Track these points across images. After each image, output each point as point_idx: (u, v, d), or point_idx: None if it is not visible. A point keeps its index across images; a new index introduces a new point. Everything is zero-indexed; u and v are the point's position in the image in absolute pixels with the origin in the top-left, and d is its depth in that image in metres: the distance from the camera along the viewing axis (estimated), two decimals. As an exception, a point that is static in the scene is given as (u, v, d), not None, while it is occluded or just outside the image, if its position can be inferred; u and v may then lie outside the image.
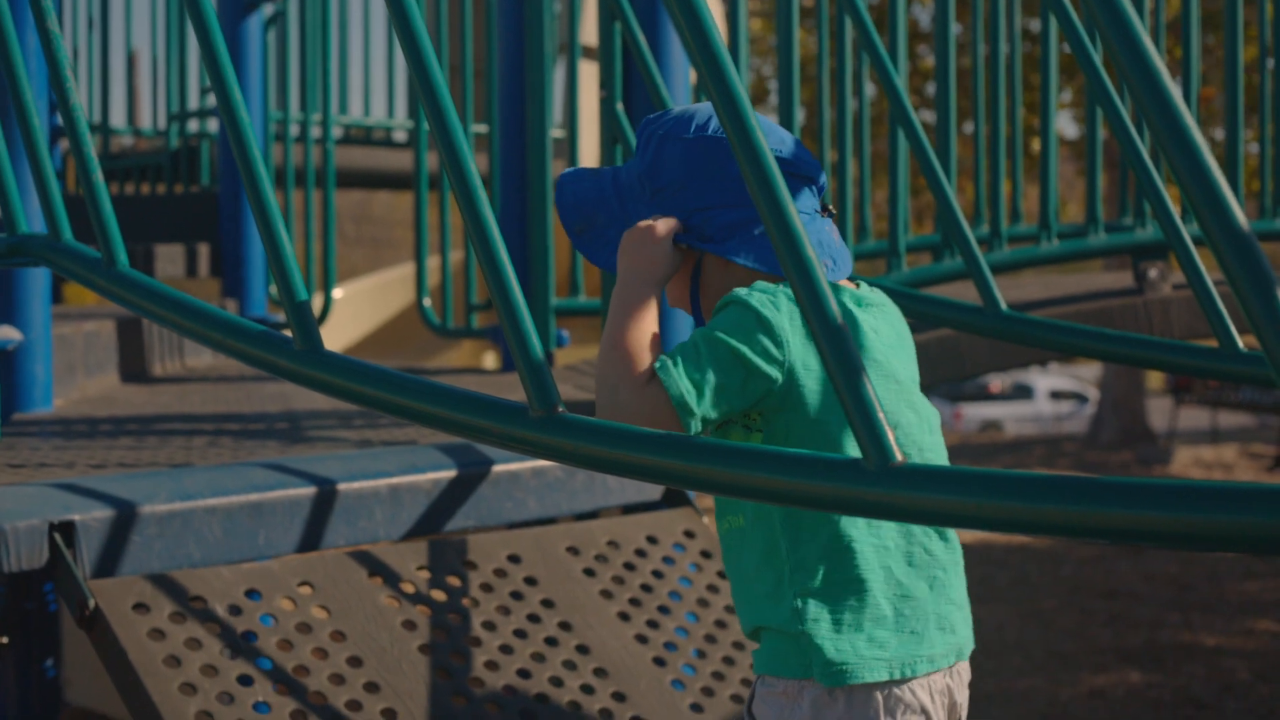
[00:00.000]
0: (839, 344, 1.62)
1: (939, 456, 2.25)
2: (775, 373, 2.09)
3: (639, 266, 2.23)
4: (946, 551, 2.22)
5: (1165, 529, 1.40)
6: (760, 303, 2.11)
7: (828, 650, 2.11)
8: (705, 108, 2.31)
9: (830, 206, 2.32)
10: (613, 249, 2.31)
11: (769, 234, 1.67)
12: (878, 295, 2.31)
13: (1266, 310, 1.37)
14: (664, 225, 2.24)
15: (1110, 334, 3.21)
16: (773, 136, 2.26)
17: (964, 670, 2.24)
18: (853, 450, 2.07)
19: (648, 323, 2.18)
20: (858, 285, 2.32)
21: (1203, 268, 3.08)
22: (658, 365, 2.09)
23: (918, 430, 2.21)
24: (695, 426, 2.07)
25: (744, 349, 2.08)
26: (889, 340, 2.26)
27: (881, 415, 1.60)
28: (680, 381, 2.06)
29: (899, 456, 1.58)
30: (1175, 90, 1.42)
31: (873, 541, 2.14)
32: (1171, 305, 5.32)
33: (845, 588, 2.13)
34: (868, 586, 2.14)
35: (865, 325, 2.24)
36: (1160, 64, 1.42)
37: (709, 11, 1.76)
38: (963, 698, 2.24)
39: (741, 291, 2.14)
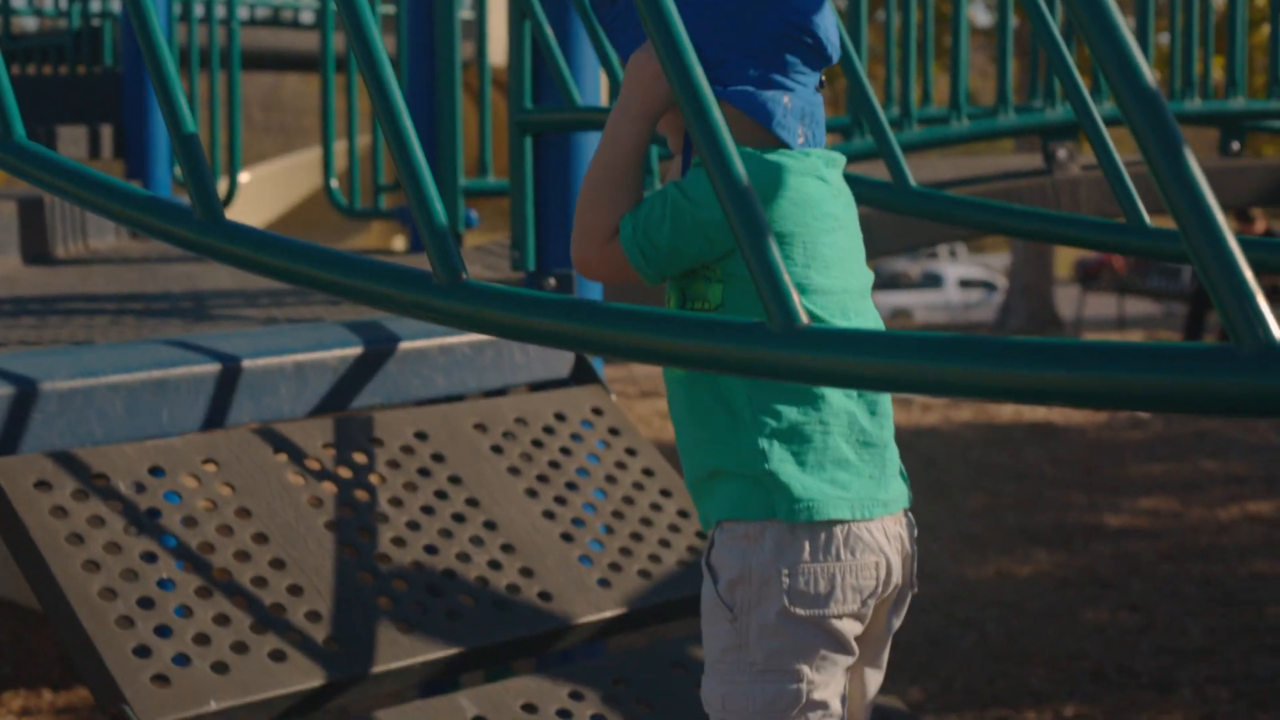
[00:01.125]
0: (744, 206, 1.60)
1: (873, 320, 2.29)
2: (722, 239, 2.13)
3: (638, 96, 2.22)
4: (888, 403, 2.30)
5: (1069, 387, 1.40)
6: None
7: (794, 488, 2.15)
8: None
9: (822, 78, 2.30)
10: (630, 34, 2.29)
11: (671, 85, 1.65)
12: (831, 155, 2.30)
13: (1173, 169, 1.36)
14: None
15: (1019, 209, 3.22)
16: (809, 5, 2.23)
17: (912, 520, 2.31)
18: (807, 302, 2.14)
19: (629, 163, 2.21)
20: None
21: (1112, 145, 3.09)
22: (620, 223, 2.17)
23: (855, 296, 2.24)
24: (654, 280, 2.19)
25: (706, 217, 2.12)
26: (846, 206, 2.28)
27: (786, 277, 1.59)
28: (639, 246, 2.15)
29: (804, 318, 1.57)
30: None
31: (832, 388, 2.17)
32: (1080, 185, 5.34)
33: (809, 429, 2.17)
34: (830, 429, 2.18)
35: (835, 186, 2.26)
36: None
37: None
38: (913, 548, 2.30)
39: None
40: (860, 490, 2.19)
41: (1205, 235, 1.36)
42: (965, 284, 37.52)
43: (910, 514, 2.31)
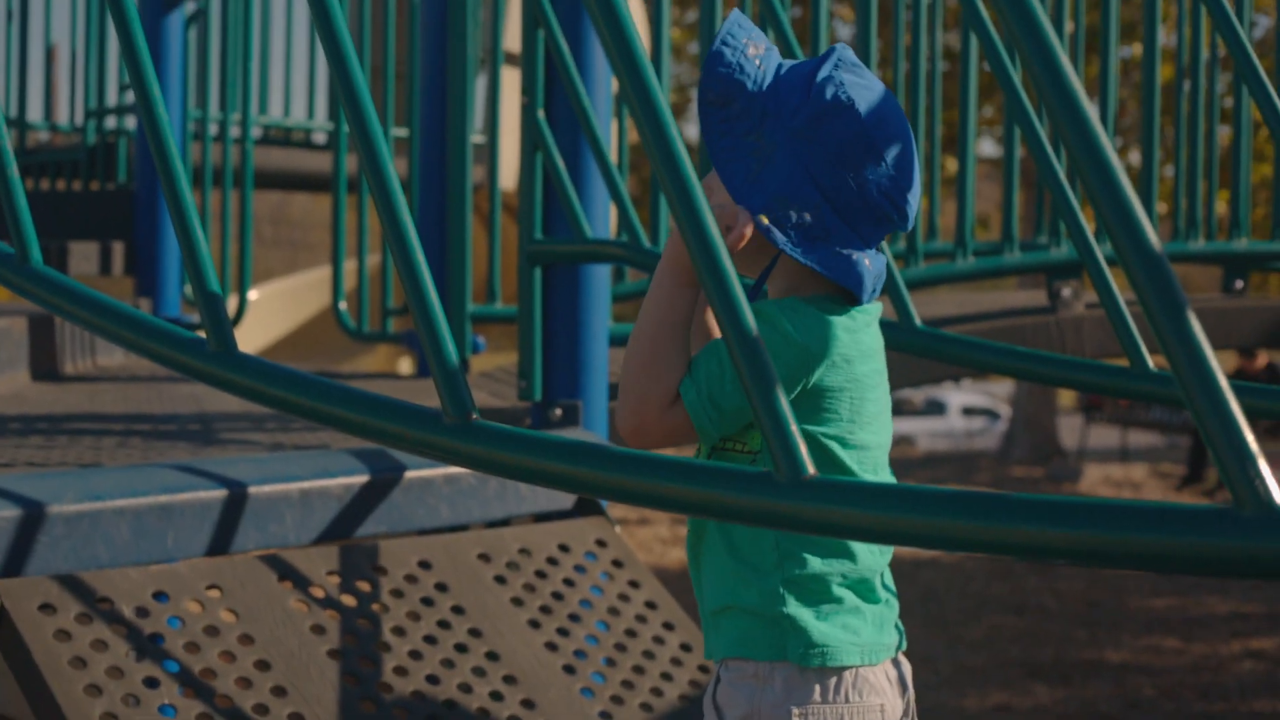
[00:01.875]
0: (754, 357, 1.62)
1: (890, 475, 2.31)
2: (784, 389, 2.11)
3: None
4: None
5: (1070, 545, 1.41)
6: (790, 325, 2.11)
7: (812, 633, 2.15)
8: (891, 107, 2.23)
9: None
10: (728, 142, 2.21)
11: (687, 243, 1.67)
12: (875, 305, 2.31)
13: (1176, 331, 1.39)
14: (746, 229, 2.16)
15: (1022, 351, 3.24)
16: (907, 182, 2.23)
17: (907, 662, 2.31)
18: (838, 467, 2.14)
19: (685, 324, 2.17)
20: None
21: (1115, 287, 3.12)
22: (682, 389, 2.12)
23: (883, 452, 2.26)
24: (713, 439, 2.16)
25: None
26: (884, 364, 2.30)
27: (795, 428, 1.61)
28: (704, 411, 2.11)
29: (810, 470, 1.59)
30: (1092, 111, 1.44)
31: None
32: (1084, 324, 5.37)
33: (831, 579, 2.18)
34: (850, 581, 2.19)
35: (881, 341, 2.28)
36: (1077, 84, 1.44)
37: (630, 18, 1.77)
38: (911, 688, 2.30)
39: (772, 310, 2.13)
40: (868, 636, 2.20)
41: (1207, 398, 1.38)
42: (968, 412, 37.51)
43: (906, 662, 2.33)
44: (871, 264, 2.22)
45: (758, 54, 2.22)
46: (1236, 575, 1.39)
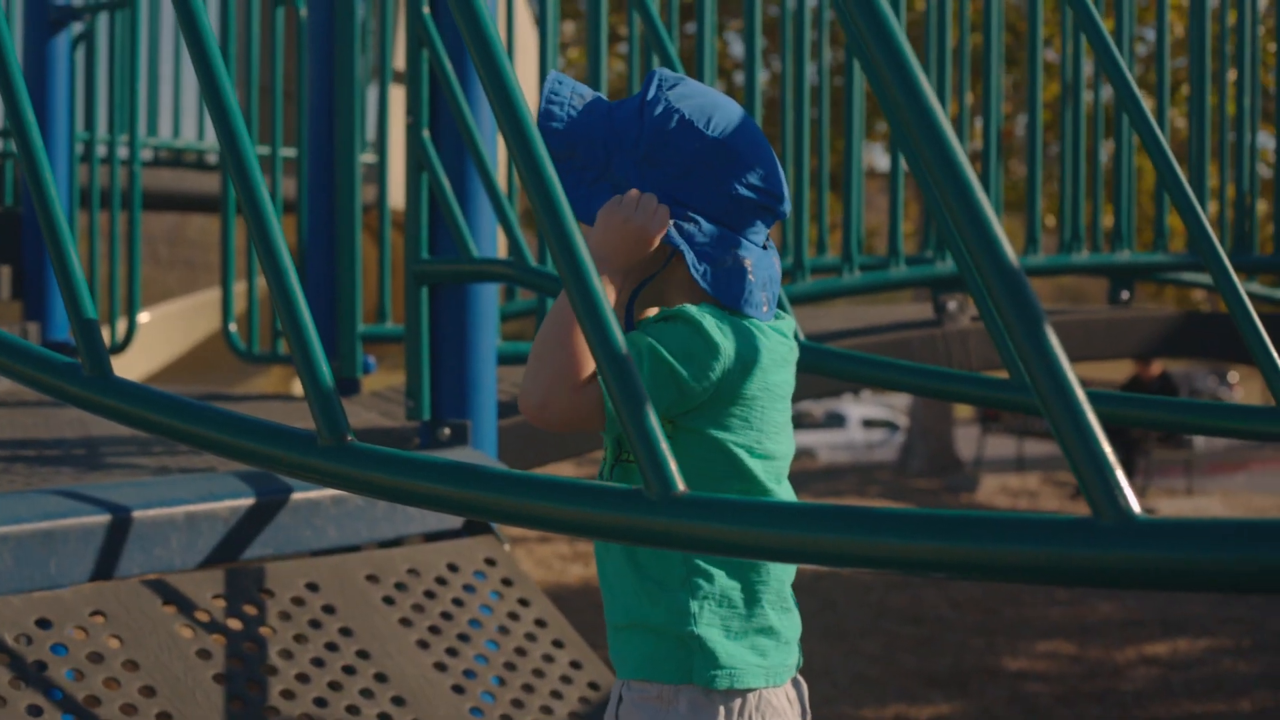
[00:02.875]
0: (623, 373, 1.63)
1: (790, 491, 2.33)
2: (703, 394, 2.13)
3: (618, 246, 2.20)
4: None
5: (932, 558, 1.43)
6: (712, 327, 2.13)
7: (719, 655, 2.16)
8: (724, 107, 2.27)
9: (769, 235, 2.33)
10: (583, 191, 2.25)
11: (555, 261, 1.68)
12: (787, 320, 2.33)
13: (1033, 343, 1.41)
14: (664, 215, 2.20)
15: (904, 365, 3.27)
16: (765, 168, 2.26)
17: (801, 680, 2.32)
18: (745, 475, 2.18)
19: (557, 335, 2.15)
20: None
21: (991, 303, 3.15)
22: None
23: (785, 464, 2.28)
24: (615, 431, 2.17)
25: (683, 372, 2.10)
26: (793, 376, 2.31)
27: (665, 446, 1.62)
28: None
29: (680, 486, 1.60)
30: (948, 127, 1.46)
31: None
32: (970, 336, 5.42)
33: (740, 596, 2.18)
34: (760, 596, 2.20)
35: (793, 352, 2.29)
36: (934, 101, 1.46)
37: (492, 29, 1.77)
38: (808, 708, 2.32)
39: (693, 310, 2.14)
40: (774, 658, 2.21)
41: (1064, 409, 1.40)
42: (868, 424, 37.71)
43: (800, 676, 2.33)
44: (754, 272, 2.24)
45: (584, 103, 2.28)
46: (1098, 585, 1.41)
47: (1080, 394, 1.40)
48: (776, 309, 2.30)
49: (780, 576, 2.23)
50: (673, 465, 1.61)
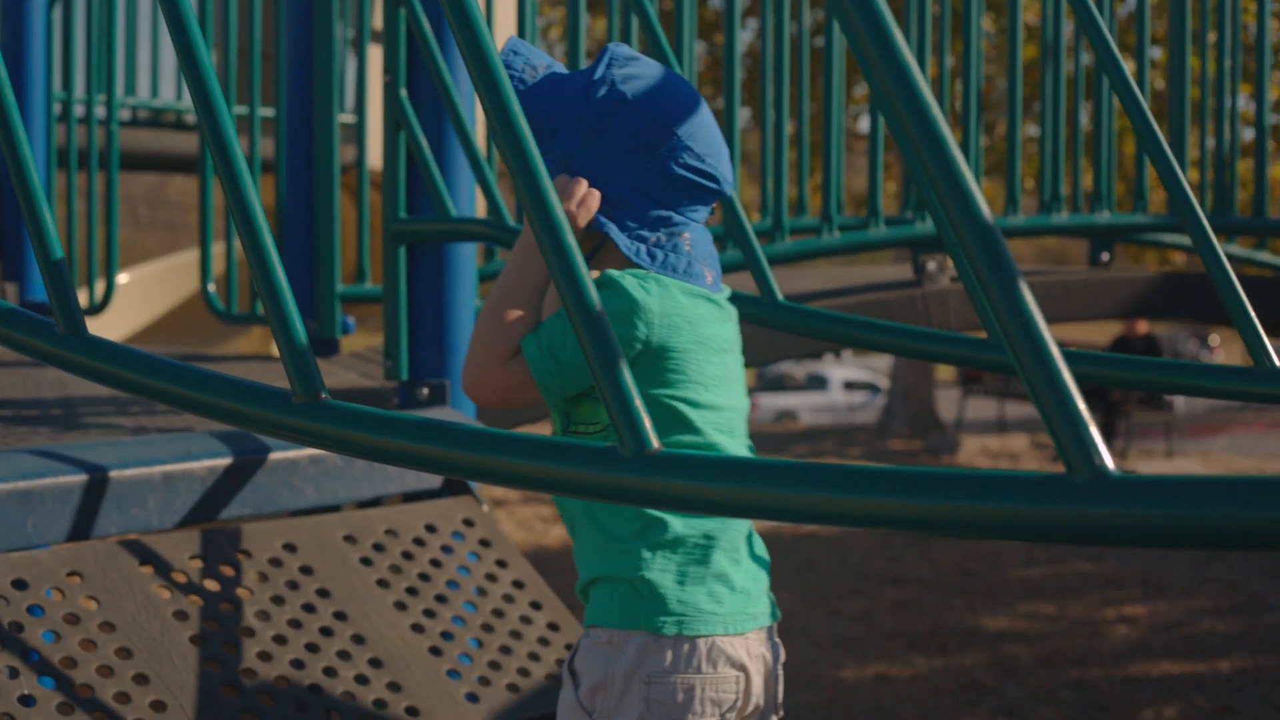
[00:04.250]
0: (597, 332, 1.62)
1: (747, 447, 2.36)
2: (632, 354, 2.18)
3: None
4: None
5: (905, 514, 1.43)
6: (632, 285, 2.19)
7: (670, 601, 2.19)
8: (670, 88, 2.31)
9: (713, 208, 2.38)
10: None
11: (532, 226, 1.67)
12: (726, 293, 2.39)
13: (1008, 301, 1.40)
14: (592, 202, 2.25)
15: (883, 324, 3.27)
16: (707, 148, 2.30)
17: (778, 643, 2.35)
18: (688, 426, 2.22)
19: (537, 291, 2.24)
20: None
21: (967, 260, 3.14)
22: (524, 342, 2.18)
23: (739, 420, 2.32)
24: (556, 400, 2.22)
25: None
26: (733, 334, 2.36)
27: (639, 402, 1.61)
28: (543, 362, 2.17)
29: (655, 444, 1.60)
30: (924, 84, 1.45)
31: None
32: (949, 297, 5.42)
33: (694, 542, 2.22)
34: (716, 544, 2.23)
35: (726, 309, 2.35)
36: (909, 56, 1.45)
37: (478, 12, 1.76)
38: (777, 670, 2.33)
39: (614, 273, 2.21)
40: (733, 605, 2.23)
41: (1039, 367, 1.39)
42: (850, 386, 37.77)
43: (777, 637, 2.34)
44: (692, 245, 2.30)
45: (536, 76, 2.33)
46: (1071, 541, 1.41)
47: (1055, 351, 1.40)
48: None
49: (736, 527, 2.26)
50: (647, 423, 1.60)
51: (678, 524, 2.21)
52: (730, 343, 2.32)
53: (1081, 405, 1.39)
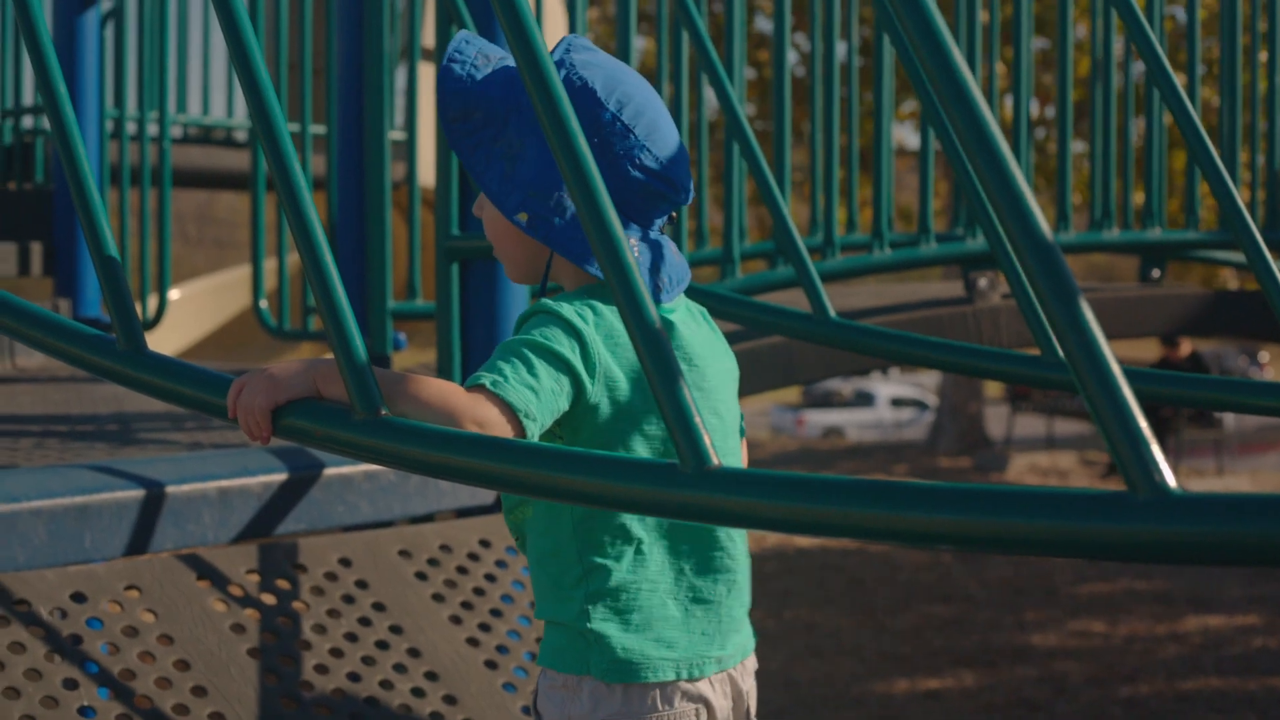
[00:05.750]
0: (657, 349, 1.63)
1: (735, 459, 2.27)
2: (588, 381, 2.06)
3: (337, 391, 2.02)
4: (743, 556, 2.24)
5: (966, 532, 1.43)
6: (571, 314, 2.07)
7: (615, 649, 2.12)
8: (631, 83, 2.19)
9: (672, 215, 2.24)
10: (481, 152, 2.18)
11: (591, 242, 1.68)
12: (681, 300, 2.27)
13: (1068, 317, 1.41)
14: (260, 430, 2.04)
15: (936, 341, 3.27)
16: (664, 151, 2.18)
17: (749, 663, 2.25)
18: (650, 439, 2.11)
19: (421, 382, 2.00)
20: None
21: (1025, 277, 3.14)
22: (487, 384, 1.97)
23: (719, 434, 2.21)
24: (535, 434, 2.00)
25: (566, 353, 2.04)
26: (699, 346, 2.24)
27: (699, 420, 1.62)
28: (517, 391, 1.97)
29: (715, 460, 1.61)
30: (982, 101, 1.46)
31: (667, 545, 2.15)
32: (1000, 314, 5.41)
33: (637, 589, 2.14)
34: (658, 589, 2.15)
35: (685, 321, 2.23)
36: (968, 73, 1.46)
37: (530, 14, 1.77)
38: (748, 685, 2.25)
39: (549, 302, 2.09)
40: (688, 649, 2.16)
41: (1100, 384, 1.40)
42: (897, 403, 37.68)
43: (752, 662, 2.26)
44: (639, 253, 2.17)
45: (489, 64, 2.20)
46: (1132, 559, 1.41)
47: (1116, 368, 1.40)
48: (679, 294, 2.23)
49: (678, 565, 2.16)
50: (706, 439, 1.61)
51: (620, 570, 2.13)
52: (690, 354, 2.19)
53: (1142, 422, 1.39)
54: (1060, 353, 3.09)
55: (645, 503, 1.66)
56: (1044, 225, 1.43)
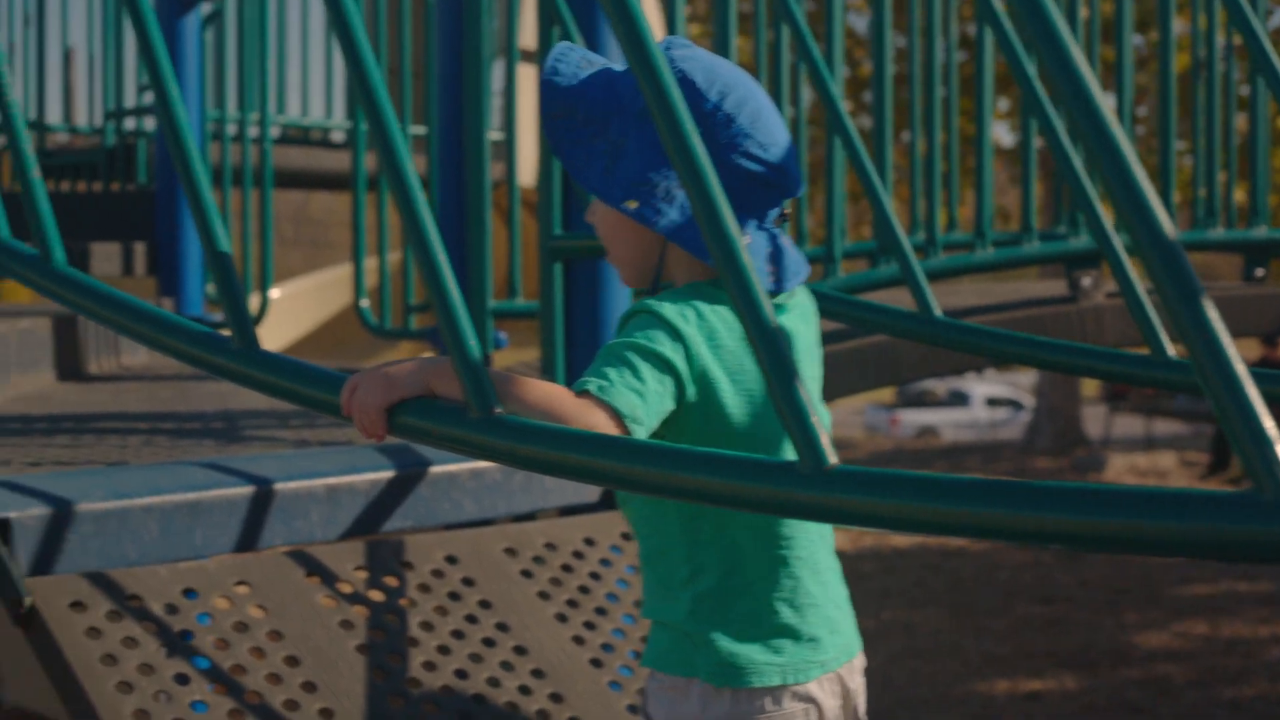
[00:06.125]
0: (775, 349, 1.63)
1: None
2: (690, 382, 2.06)
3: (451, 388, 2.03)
4: (834, 557, 2.25)
5: (1094, 533, 1.42)
6: (674, 314, 2.07)
7: (722, 652, 2.12)
8: (732, 75, 2.19)
9: (785, 210, 2.24)
10: (582, 150, 2.19)
11: (706, 241, 1.68)
12: (798, 295, 2.28)
13: (1192, 318, 1.40)
14: (377, 422, 2.04)
15: (1043, 341, 3.25)
16: (770, 139, 2.18)
17: (856, 662, 2.25)
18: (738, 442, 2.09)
19: (529, 384, 2.00)
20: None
21: (1134, 276, 3.12)
22: (593, 389, 1.98)
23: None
24: (642, 438, 1.99)
25: (669, 354, 2.04)
26: (804, 344, 2.26)
27: (816, 419, 1.62)
28: (624, 396, 1.98)
29: (832, 460, 1.61)
30: (1105, 102, 1.45)
31: (776, 547, 2.15)
32: (1104, 313, 5.37)
33: (744, 591, 2.14)
34: (768, 595, 2.15)
35: (785, 329, 2.21)
36: (1088, 72, 1.45)
37: (644, 15, 1.78)
38: (856, 683, 2.24)
39: (651, 302, 2.09)
40: (795, 654, 2.16)
41: (1225, 384, 1.39)
42: (992, 402, 37.47)
43: (858, 657, 2.26)
44: (752, 244, 2.17)
45: (591, 68, 2.22)
46: (1258, 560, 1.40)
47: (1241, 367, 1.39)
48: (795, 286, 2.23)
49: (798, 574, 2.16)
50: (824, 439, 1.61)
51: (727, 572, 2.14)
52: (796, 353, 2.15)
53: (1268, 422, 1.38)
54: (1170, 352, 3.08)
55: (764, 502, 1.66)
56: (1167, 224, 1.42)
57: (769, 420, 2.12)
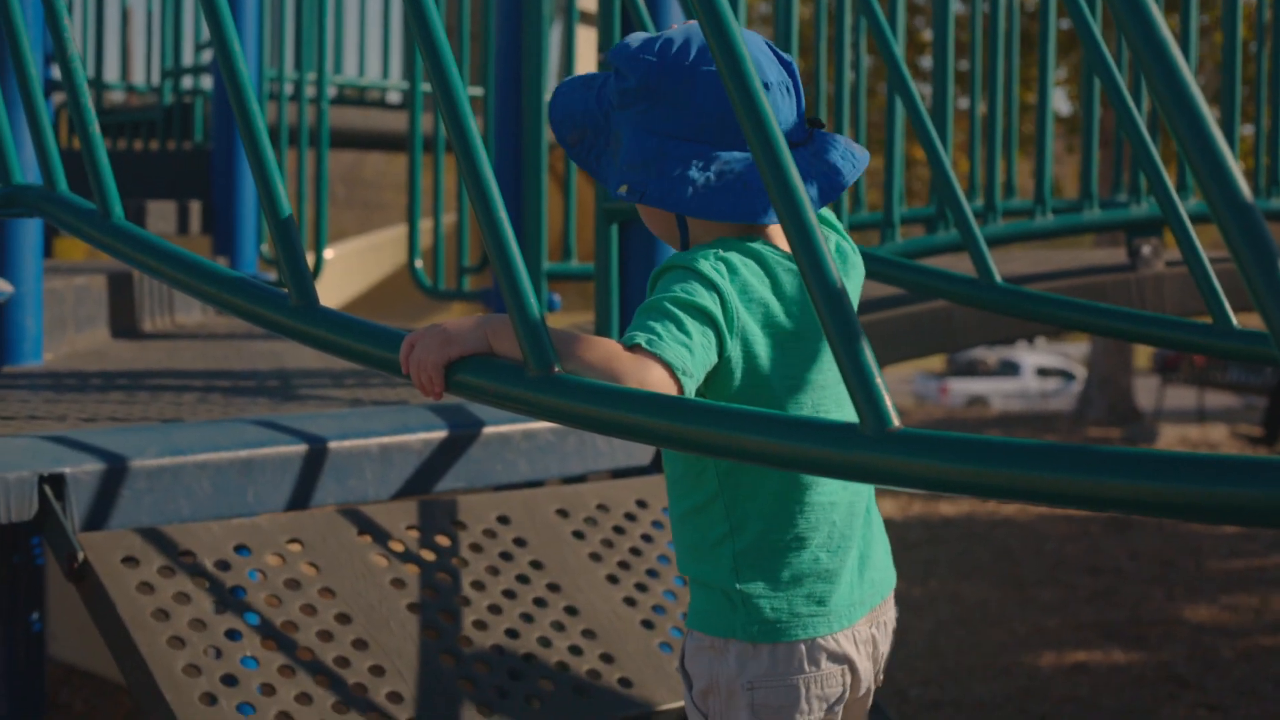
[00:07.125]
0: (839, 307, 1.62)
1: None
2: (728, 335, 2.06)
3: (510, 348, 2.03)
4: (873, 499, 2.26)
5: (1155, 499, 1.40)
6: (708, 268, 2.06)
7: (763, 609, 2.13)
8: (685, 36, 2.18)
9: (820, 120, 2.22)
10: (605, 160, 2.21)
11: (771, 197, 1.67)
12: (851, 259, 2.27)
13: (1268, 281, 1.37)
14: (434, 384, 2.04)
15: (1105, 308, 3.22)
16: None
17: (889, 617, 2.27)
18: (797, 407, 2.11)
19: (587, 341, 2.01)
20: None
21: (1198, 243, 3.09)
22: (643, 343, 1.96)
23: (844, 398, 2.18)
24: (692, 390, 1.99)
25: (709, 305, 2.03)
26: (851, 275, 2.25)
27: (879, 380, 1.60)
28: (674, 349, 1.97)
29: (895, 422, 1.59)
30: (1181, 60, 1.42)
31: (815, 498, 2.14)
32: (1164, 282, 5.33)
33: (785, 546, 2.15)
34: (807, 544, 2.15)
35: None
36: (1166, 31, 1.43)
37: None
38: (886, 646, 2.26)
39: (683, 257, 2.08)
40: (838, 600, 2.17)
41: (1299, 350, 1.36)
42: (1043, 372, 37.33)
43: (891, 607, 2.27)
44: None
45: (589, 87, 2.25)
46: (1327, 528, 1.37)
47: (1316, 333, 1.36)
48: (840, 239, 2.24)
49: (828, 517, 2.16)
50: (888, 400, 1.59)
51: (767, 527, 2.14)
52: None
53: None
54: (1234, 321, 3.04)
55: (826, 464, 1.64)
56: (1244, 186, 1.39)
57: (802, 372, 2.13)
